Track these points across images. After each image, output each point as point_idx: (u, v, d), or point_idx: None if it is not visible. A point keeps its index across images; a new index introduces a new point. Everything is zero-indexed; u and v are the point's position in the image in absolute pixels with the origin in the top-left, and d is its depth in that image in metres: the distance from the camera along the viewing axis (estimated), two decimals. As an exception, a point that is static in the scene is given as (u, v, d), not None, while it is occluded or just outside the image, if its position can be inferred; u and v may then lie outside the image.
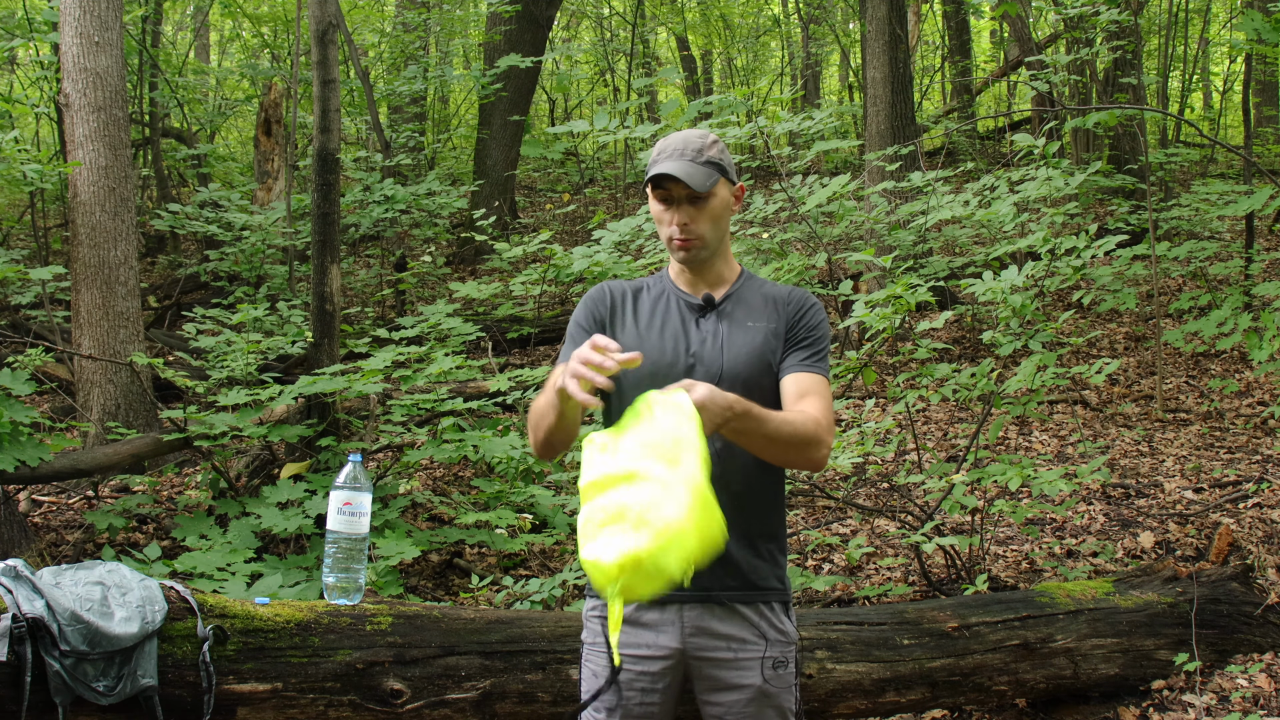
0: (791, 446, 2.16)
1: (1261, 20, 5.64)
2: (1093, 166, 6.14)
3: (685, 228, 2.28)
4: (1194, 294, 7.95)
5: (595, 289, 2.43)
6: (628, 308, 2.37)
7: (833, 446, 2.25)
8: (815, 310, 2.35)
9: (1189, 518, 5.31)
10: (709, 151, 2.29)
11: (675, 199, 2.27)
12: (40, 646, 2.44)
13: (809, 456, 2.19)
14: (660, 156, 2.29)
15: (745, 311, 2.33)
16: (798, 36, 17.96)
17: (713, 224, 2.30)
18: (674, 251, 2.32)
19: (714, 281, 2.37)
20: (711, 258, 2.34)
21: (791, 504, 5.97)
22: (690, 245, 2.29)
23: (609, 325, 2.35)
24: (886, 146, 8.57)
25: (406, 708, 2.82)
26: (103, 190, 6.62)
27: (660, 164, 2.26)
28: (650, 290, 2.40)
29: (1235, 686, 3.69)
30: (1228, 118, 16.54)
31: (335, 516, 2.78)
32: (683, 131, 2.35)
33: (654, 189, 2.29)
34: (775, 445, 2.15)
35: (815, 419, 2.19)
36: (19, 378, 5.00)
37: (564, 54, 15.03)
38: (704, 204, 2.28)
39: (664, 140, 2.34)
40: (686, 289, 2.37)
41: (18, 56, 13.21)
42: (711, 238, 2.31)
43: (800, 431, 2.16)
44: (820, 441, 2.19)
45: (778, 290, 2.38)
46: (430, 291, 10.54)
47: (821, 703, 3.30)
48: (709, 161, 2.28)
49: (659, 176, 2.25)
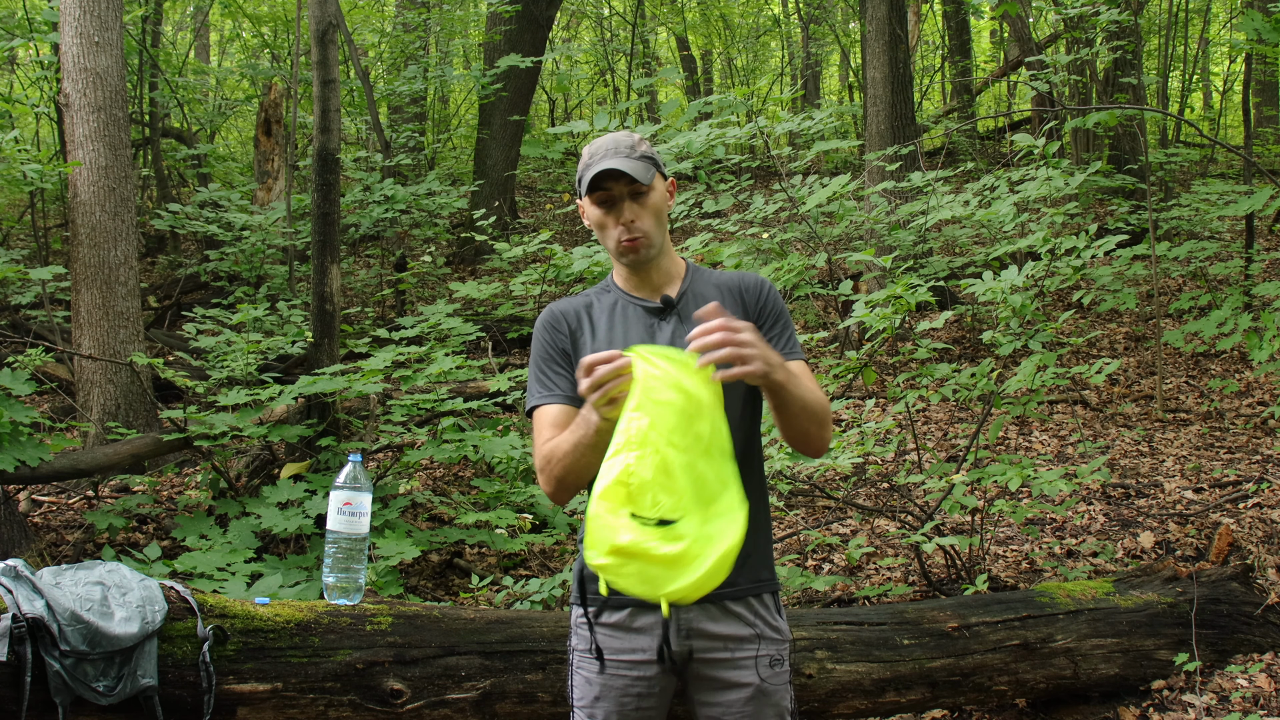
0: (815, 419, 2.18)
1: (1261, 20, 5.63)
2: (1093, 166, 6.13)
3: (631, 225, 2.25)
4: (1194, 294, 7.96)
5: (544, 316, 2.36)
6: (584, 327, 2.32)
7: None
8: (772, 293, 2.35)
9: (1189, 518, 5.31)
10: (640, 147, 2.28)
11: (616, 198, 2.25)
12: (40, 646, 2.44)
13: (824, 435, 2.23)
14: (594, 159, 2.26)
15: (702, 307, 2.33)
16: (798, 36, 17.96)
17: (655, 219, 2.28)
18: (621, 255, 2.29)
19: (663, 281, 2.34)
20: (658, 256, 2.31)
21: (791, 504, 5.97)
22: (638, 244, 2.27)
23: (573, 352, 2.29)
24: (886, 146, 8.57)
25: (406, 708, 2.82)
26: (103, 190, 6.62)
27: (597, 164, 2.23)
28: (600, 302, 2.35)
29: (1235, 686, 3.69)
30: (1228, 118, 16.54)
31: (335, 516, 2.78)
32: (608, 134, 2.33)
33: (592, 193, 2.26)
34: (806, 410, 2.15)
35: (824, 400, 2.23)
36: (19, 378, 5.00)
37: (564, 54, 15.02)
38: (645, 199, 2.26)
39: (591, 145, 2.31)
40: (638, 293, 2.34)
41: (18, 56, 13.21)
42: (656, 234, 2.29)
43: (822, 404, 2.19)
44: (830, 424, 2.24)
45: (728, 279, 2.37)
46: (430, 291, 10.54)
47: (821, 703, 3.31)
48: (643, 156, 2.26)
49: (599, 176, 2.23)
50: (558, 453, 2.16)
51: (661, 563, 1.91)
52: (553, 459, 2.17)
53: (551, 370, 2.30)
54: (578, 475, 2.15)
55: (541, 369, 2.31)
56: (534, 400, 2.30)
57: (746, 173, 10.32)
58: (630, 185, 2.24)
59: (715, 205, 7.47)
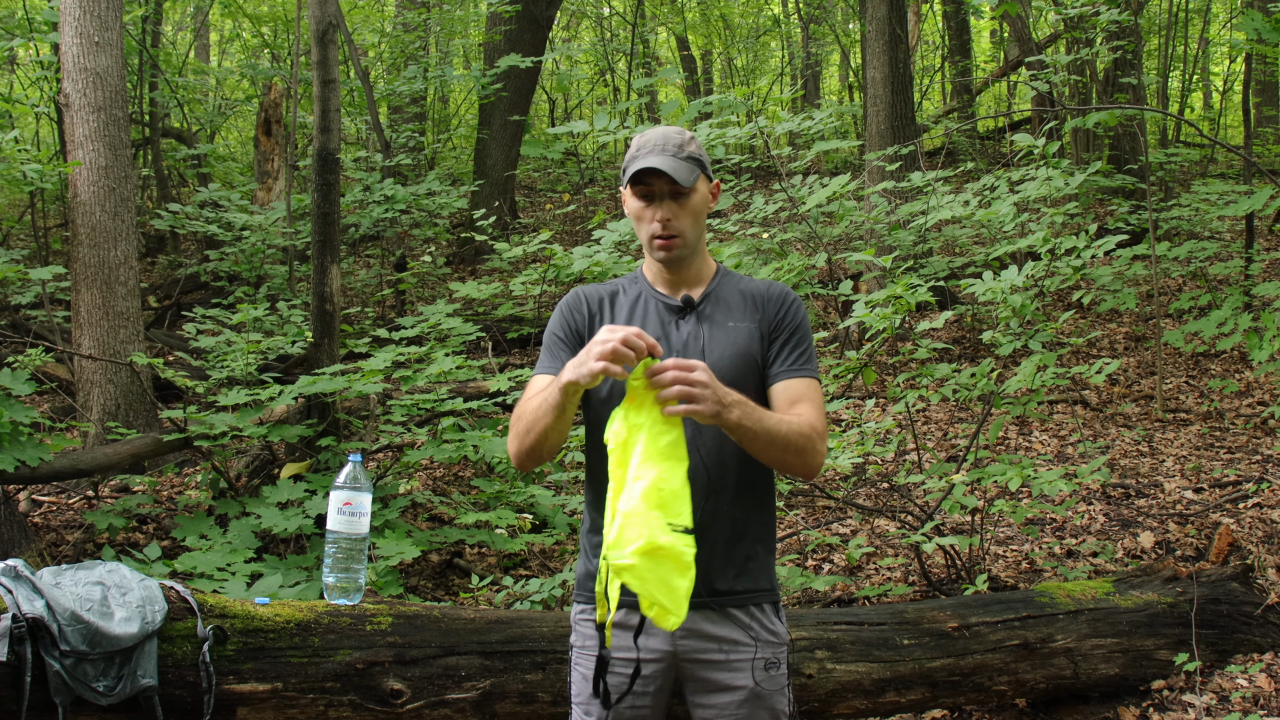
0: (790, 448, 2.14)
1: (1261, 20, 5.64)
2: (1093, 166, 6.14)
3: (667, 224, 2.25)
4: (1194, 294, 7.96)
5: (569, 296, 2.39)
6: (605, 313, 2.33)
7: (827, 452, 2.24)
8: (796, 306, 2.33)
9: (1189, 518, 5.31)
10: (689, 147, 2.28)
11: (657, 195, 2.26)
12: (40, 646, 2.44)
13: (805, 461, 2.18)
14: (641, 152, 2.26)
15: (725, 312, 2.31)
16: (798, 36, 17.96)
17: (693, 221, 2.29)
18: (654, 251, 2.29)
19: (691, 281, 2.34)
20: (690, 256, 2.32)
21: (791, 504, 5.97)
22: (672, 244, 2.27)
23: (587, 334, 2.30)
24: (886, 146, 8.57)
25: (406, 708, 2.82)
26: (103, 190, 6.62)
27: (642, 159, 2.24)
28: (626, 293, 2.36)
29: (1235, 686, 3.69)
30: (1228, 118, 16.54)
31: (335, 516, 2.78)
32: (660, 127, 2.33)
33: (634, 185, 2.27)
34: (774, 445, 2.13)
35: (810, 424, 2.18)
36: (19, 378, 5.00)
37: (564, 54, 15.02)
38: (686, 200, 2.26)
39: (641, 136, 2.31)
40: (664, 290, 2.34)
41: (18, 56, 13.20)
42: (691, 235, 2.29)
43: (798, 432, 2.15)
44: (815, 449, 2.18)
45: (756, 286, 2.36)
46: (430, 291, 10.54)
47: (821, 703, 3.31)
48: (690, 157, 2.27)
49: (641, 172, 2.23)
50: (526, 410, 2.19)
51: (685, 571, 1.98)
52: (521, 417, 2.20)
53: (560, 348, 2.31)
54: (536, 436, 2.15)
55: (551, 345, 2.34)
56: (537, 370, 2.33)
57: (746, 173, 10.33)
58: (672, 185, 2.24)
59: (715, 205, 7.47)
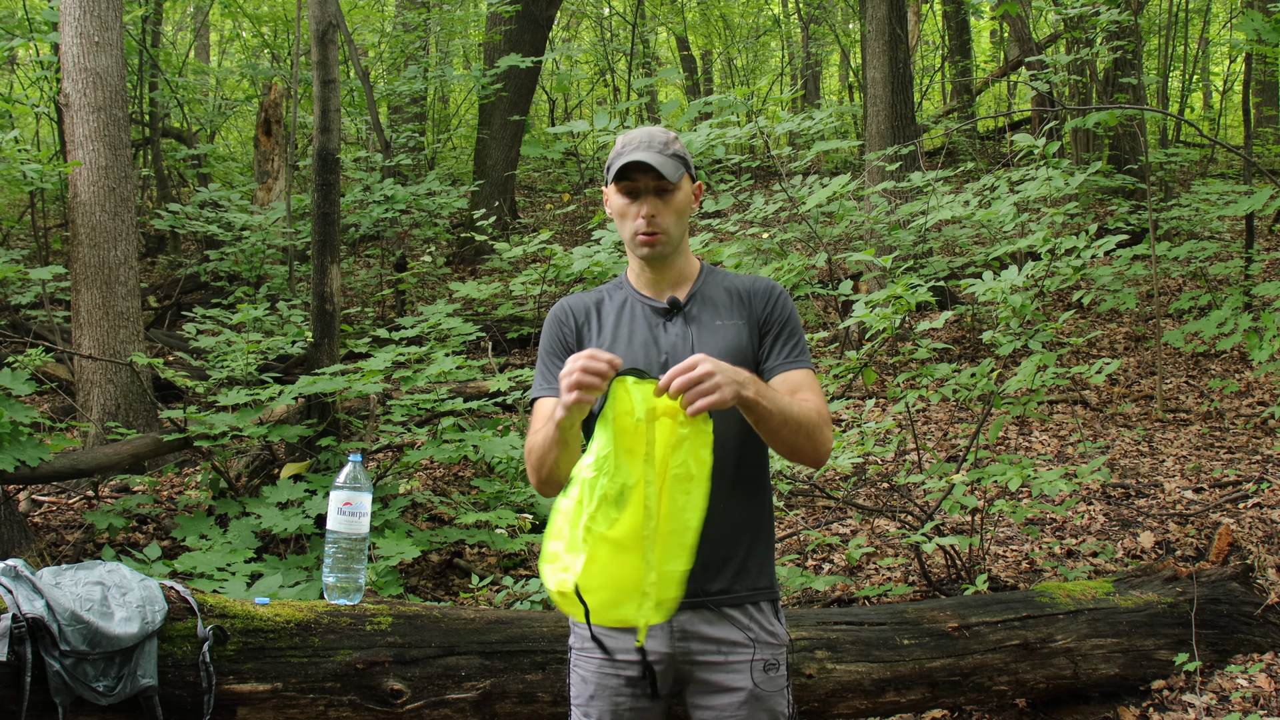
0: (802, 430, 2.15)
1: (1261, 20, 5.64)
2: (1093, 166, 6.14)
3: (652, 220, 2.25)
4: (1194, 294, 7.96)
5: (555, 310, 2.39)
6: (592, 323, 2.34)
7: (833, 440, 2.25)
8: (783, 299, 2.34)
9: (1189, 518, 5.31)
10: (674, 145, 2.29)
11: (642, 191, 2.26)
12: (40, 646, 2.44)
13: (815, 446, 2.19)
14: (626, 149, 2.27)
15: (712, 311, 2.31)
16: (798, 36, 17.97)
17: (677, 218, 2.29)
18: (637, 248, 2.29)
19: (675, 281, 2.34)
20: (673, 255, 2.32)
21: (791, 504, 5.97)
22: (655, 240, 2.27)
23: (576, 346, 2.31)
24: (886, 146, 8.57)
25: (406, 708, 2.82)
26: (103, 190, 6.62)
27: (628, 155, 2.25)
28: (611, 299, 2.37)
29: (1235, 686, 3.69)
30: (1228, 118, 16.55)
31: (335, 516, 2.78)
32: (644, 127, 2.34)
33: (618, 182, 2.27)
34: (788, 424, 2.12)
35: (817, 409, 2.20)
36: (19, 378, 5.00)
37: (564, 54, 15.02)
38: (670, 197, 2.27)
39: (626, 135, 2.32)
40: (648, 291, 2.35)
41: (18, 56, 13.20)
42: (675, 233, 2.29)
43: (809, 414, 2.16)
44: (824, 434, 2.20)
45: (741, 282, 2.36)
46: (430, 291, 10.54)
47: (821, 703, 3.31)
48: (675, 154, 2.27)
49: (627, 166, 2.24)
50: (535, 445, 2.20)
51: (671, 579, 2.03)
52: (532, 451, 2.21)
53: (554, 364, 2.31)
54: (549, 470, 2.17)
55: (545, 362, 2.34)
56: (535, 392, 2.33)
57: (746, 173, 10.34)
58: (657, 181, 2.24)
59: (715, 205, 7.48)
